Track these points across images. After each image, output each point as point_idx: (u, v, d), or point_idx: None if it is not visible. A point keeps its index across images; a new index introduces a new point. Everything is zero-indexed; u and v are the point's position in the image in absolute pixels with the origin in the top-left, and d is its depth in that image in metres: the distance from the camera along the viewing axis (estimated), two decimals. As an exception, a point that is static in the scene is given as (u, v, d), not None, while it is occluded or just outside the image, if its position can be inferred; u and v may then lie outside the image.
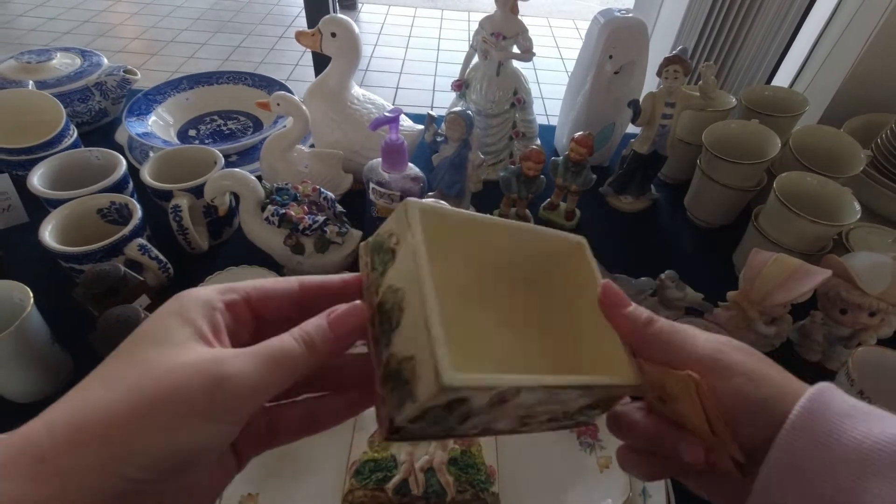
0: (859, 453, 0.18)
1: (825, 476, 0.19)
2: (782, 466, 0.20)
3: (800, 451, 0.19)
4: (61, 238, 0.54)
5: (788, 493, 0.19)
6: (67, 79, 0.79)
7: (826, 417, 0.20)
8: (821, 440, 0.19)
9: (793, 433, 0.20)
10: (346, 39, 0.67)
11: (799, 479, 0.19)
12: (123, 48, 2.65)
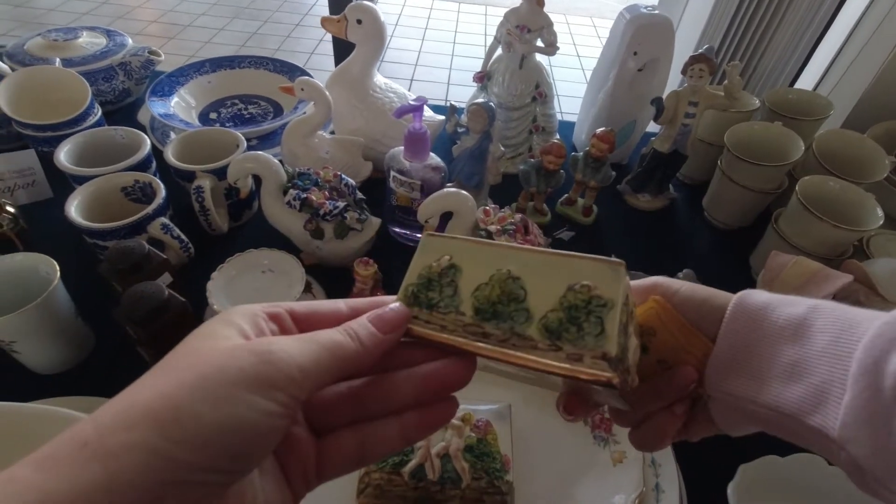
0: (773, 330, 0.25)
1: (753, 350, 0.25)
2: (728, 345, 0.25)
3: (740, 331, 0.25)
4: (86, 214, 0.55)
5: (731, 369, 0.25)
6: (93, 58, 0.80)
7: (751, 309, 0.26)
8: (749, 326, 0.25)
9: (732, 320, 0.26)
10: (372, 27, 0.67)
11: (736, 356, 0.25)
12: (141, 31, 2.66)
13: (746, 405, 0.25)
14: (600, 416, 0.48)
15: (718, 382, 0.26)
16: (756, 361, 0.25)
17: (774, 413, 0.23)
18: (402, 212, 0.65)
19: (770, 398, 0.24)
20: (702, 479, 0.46)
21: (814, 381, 0.22)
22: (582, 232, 0.74)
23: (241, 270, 0.55)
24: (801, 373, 0.23)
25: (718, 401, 0.26)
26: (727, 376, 0.25)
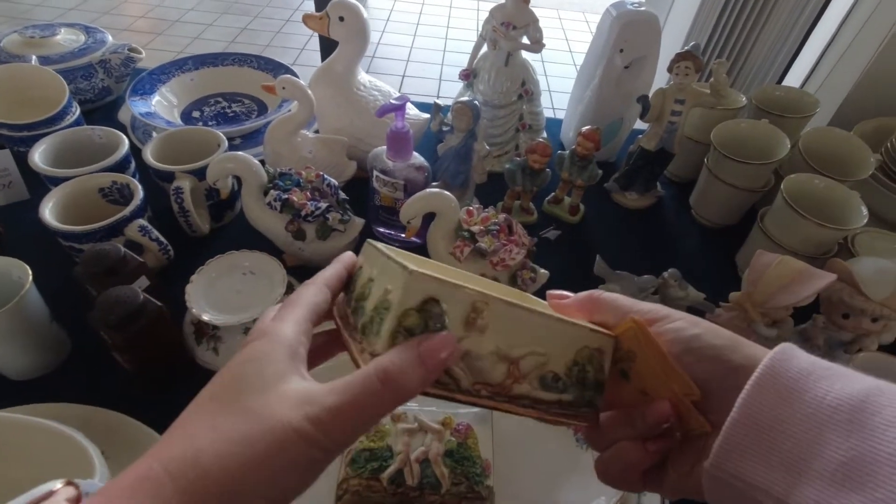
0: (819, 409, 0.19)
1: (786, 431, 0.19)
2: (746, 423, 0.20)
3: (770, 403, 0.20)
4: (62, 216, 0.54)
5: (750, 448, 0.20)
6: (71, 55, 0.78)
7: (789, 375, 0.20)
8: (783, 397, 0.20)
9: (758, 390, 0.20)
10: (355, 24, 0.66)
11: (761, 435, 0.20)
12: (129, 26, 2.63)
13: (764, 499, 0.19)
14: (583, 419, 0.47)
15: (727, 461, 0.20)
16: (789, 447, 0.19)
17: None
18: (386, 212, 0.64)
19: (809, 502, 0.18)
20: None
21: (881, 494, 0.17)
22: (569, 230, 0.73)
23: (222, 273, 0.54)
24: (862, 478, 0.17)
25: (718, 480, 0.21)
26: (743, 457, 0.20)
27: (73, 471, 0.35)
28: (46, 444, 0.38)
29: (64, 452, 0.38)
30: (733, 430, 0.20)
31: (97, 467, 0.37)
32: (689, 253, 0.74)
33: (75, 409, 0.45)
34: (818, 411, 0.19)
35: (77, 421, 0.41)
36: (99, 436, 0.40)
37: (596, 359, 0.25)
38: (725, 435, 0.20)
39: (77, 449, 0.38)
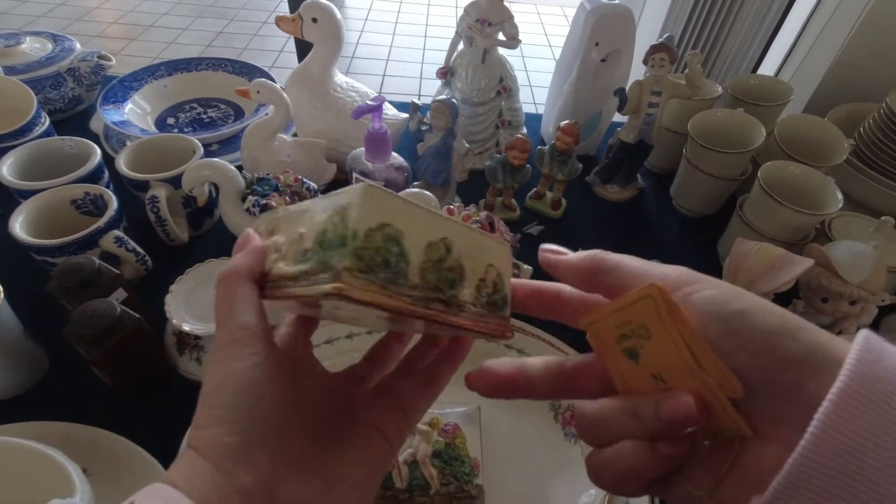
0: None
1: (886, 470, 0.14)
2: (825, 455, 0.14)
3: (852, 434, 0.14)
4: (33, 230, 0.53)
5: (831, 491, 0.14)
6: (38, 64, 0.76)
7: (884, 383, 0.14)
8: (879, 417, 0.14)
9: (843, 409, 0.14)
10: (328, 25, 0.65)
11: (847, 474, 0.14)
12: (101, 33, 2.58)
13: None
14: (571, 413, 0.48)
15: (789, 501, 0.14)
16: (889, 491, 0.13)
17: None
18: (368, 213, 0.64)
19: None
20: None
21: None
22: (551, 226, 0.74)
23: (202, 282, 0.53)
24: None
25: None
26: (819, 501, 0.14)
27: (52, 491, 0.34)
28: (24, 464, 0.37)
29: (42, 472, 0.37)
30: (806, 463, 0.14)
31: (77, 486, 0.36)
32: (671, 243, 0.75)
33: (55, 427, 0.44)
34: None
35: (57, 439, 0.40)
36: (81, 453, 0.39)
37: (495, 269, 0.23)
38: (794, 469, 0.14)
39: (56, 468, 0.37)
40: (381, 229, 0.19)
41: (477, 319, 0.22)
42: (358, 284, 0.18)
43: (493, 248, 0.23)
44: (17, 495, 0.36)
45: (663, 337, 0.19)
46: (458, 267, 0.21)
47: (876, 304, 0.55)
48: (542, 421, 0.48)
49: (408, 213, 0.20)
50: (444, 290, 0.21)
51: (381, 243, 0.19)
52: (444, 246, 0.21)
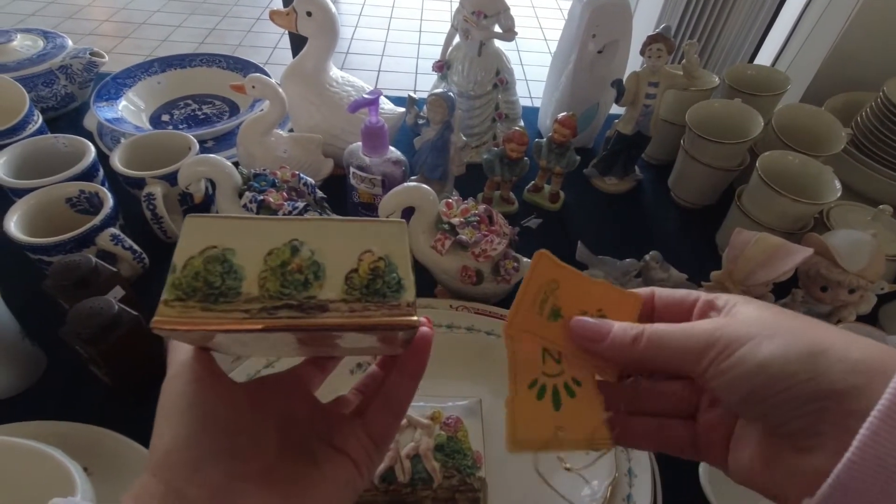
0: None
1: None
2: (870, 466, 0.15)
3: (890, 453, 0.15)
4: (28, 229, 0.52)
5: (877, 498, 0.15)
6: (29, 62, 0.76)
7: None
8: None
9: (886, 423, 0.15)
10: (323, 18, 0.65)
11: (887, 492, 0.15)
12: (93, 31, 2.56)
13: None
14: (572, 405, 0.47)
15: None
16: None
17: None
18: (365, 208, 0.63)
19: None
20: (674, 463, 0.46)
21: None
22: (550, 218, 0.73)
23: (199, 278, 0.53)
24: None
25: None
26: None
27: (53, 490, 0.34)
28: (24, 464, 0.37)
29: (43, 472, 0.37)
30: (850, 474, 0.15)
31: (78, 484, 0.36)
32: (669, 235, 0.75)
33: (54, 427, 0.44)
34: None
35: (56, 438, 0.40)
36: (80, 452, 0.39)
37: None
38: (839, 480, 0.16)
39: (57, 467, 0.37)
40: (203, 253, 0.19)
41: (350, 314, 0.20)
42: (173, 314, 0.18)
43: (374, 233, 0.21)
44: (18, 495, 0.36)
45: (569, 277, 0.25)
46: (312, 265, 0.20)
47: (875, 292, 0.56)
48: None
49: (240, 229, 0.20)
50: (294, 294, 0.20)
51: (200, 266, 0.19)
52: (289, 249, 0.20)
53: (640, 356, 0.22)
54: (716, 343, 0.20)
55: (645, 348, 0.22)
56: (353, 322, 0.20)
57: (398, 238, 0.22)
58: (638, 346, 0.22)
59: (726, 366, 0.19)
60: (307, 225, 0.20)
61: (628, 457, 0.44)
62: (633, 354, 0.22)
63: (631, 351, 0.22)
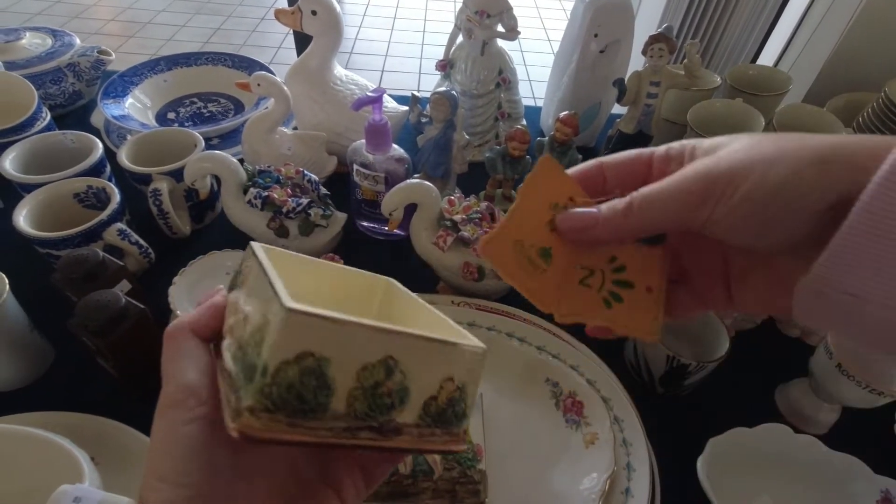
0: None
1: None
2: (866, 231, 0.15)
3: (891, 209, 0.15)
4: (37, 223, 0.53)
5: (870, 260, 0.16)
6: (38, 59, 0.77)
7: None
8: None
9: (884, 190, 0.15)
10: (328, 17, 0.66)
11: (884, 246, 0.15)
12: (98, 30, 2.57)
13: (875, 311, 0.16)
14: (571, 399, 0.48)
15: (841, 275, 0.16)
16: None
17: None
18: (368, 206, 0.64)
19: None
20: (672, 456, 0.46)
21: None
22: (552, 217, 0.74)
23: (205, 273, 0.54)
24: None
25: (823, 296, 0.17)
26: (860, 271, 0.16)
27: (61, 478, 0.35)
28: (33, 452, 0.38)
29: (51, 460, 0.37)
30: (849, 237, 0.16)
31: (86, 472, 0.36)
32: (670, 233, 0.75)
33: (62, 417, 0.45)
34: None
35: (64, 429, 0.41)
36: (88, 443, 0.40)
37: None
38: (838, 243, 0.16)
39: (65, 455, 0.37)
40: (299, 361, 0.17)
41: (418, 439, 0.20)
42: (258, 425, 0.17)
43: (459, 358, 0.21)
44: (28, 483, 0.37)
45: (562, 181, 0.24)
46: (401, 390, 0.19)
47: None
48: (544, 407, 0.48)
49: (340, 335, 0.18)
50: (377, 417, 0.19)
51: (295, 378, 0.17)
52: (384, 368, 0.19)
53: (637, 225, 0.21)
54: (715, 182, 0.19)
55: (639, 215, 0.21)
56: (417, 447, 0.20)
57: (478, 367, 0.21)
58: (632, 216, 0.21)
59: (736, 201, 0.18)
60: (401, 340, 0.19)
61: (627, 451, 0.44)
62: (629, 226, 0.21)
63: (626, 223, 0.21)
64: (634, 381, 0.53)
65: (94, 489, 0.35)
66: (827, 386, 0.49)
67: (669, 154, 0.23)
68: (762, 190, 0.18)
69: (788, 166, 0.18)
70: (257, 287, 0.20)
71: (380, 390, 0.19)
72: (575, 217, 0.23)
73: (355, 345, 0.18)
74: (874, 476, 0.46)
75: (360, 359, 0.18)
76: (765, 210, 0.18)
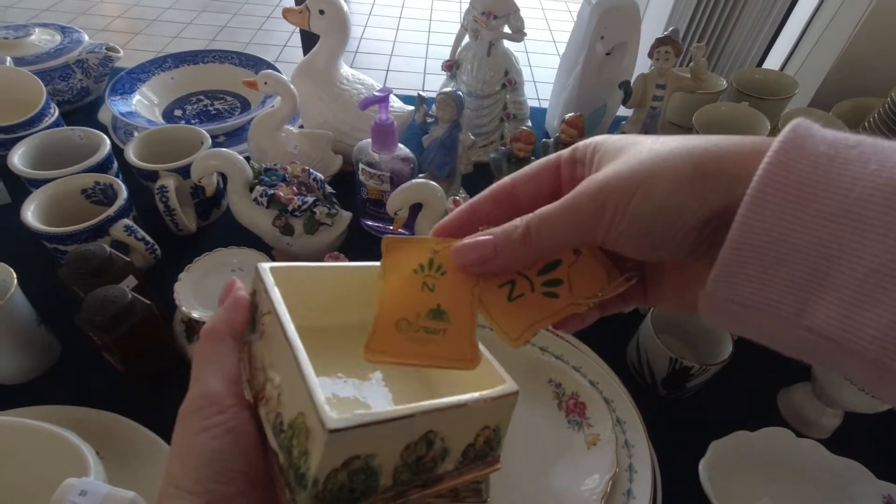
0: (843, 206, 0.15)
1: (797, 244, 0.15)
2: (749, 243, 0.16)
3: (770, 222, 0.16)
4: (44, 218, 0.53)
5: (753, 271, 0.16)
6: (47, 56, 0.77)
7: (801, 170, 0.15)
8: (795, 202, 0.15)
9: (760, 203, 0.16)
10: (335, 16, 0.66)
11: (766, 254, 0.16)
12: (105, 27, 2.58)
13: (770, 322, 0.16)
14: (574, 401, 0.48)
15: (727, 288, 0.17)
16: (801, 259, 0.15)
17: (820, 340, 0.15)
18: (374, 205, 0.64)
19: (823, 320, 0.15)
20: (674, 459, 0.46)
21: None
22: (556, 218, 0.74)
23: (210, 270, 0.54)
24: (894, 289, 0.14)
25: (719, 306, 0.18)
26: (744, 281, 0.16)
27: (67, 471, 0.35)
28: (39, 445, 0.38)
29: (57, 453, 0.38)
30: (732, 253, 0.16)
31: (91, 466, 0.37)
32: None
33: (67, 412, 0.45)
34: (841, 209, 0.15)
35: (70, 423, 0.41)
36: (93, 437, 0.40)
37: None
38: (724, 260, 0.17)
39: (70, 449, 0.38)
40: (347, 466, 0.18)
41: (459, 477, 0.21)
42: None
43: (494, 409, 0.21)
44: (34, 475, 0.37)
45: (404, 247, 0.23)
46: (442, 452, 0.20)
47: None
48: (546, 408, 0.49)
49: (382, 432, 0.18)
50: (421, 478, 0.20)
51: (345, 480, 0.18)
52: (425, 443, 0.19)
53: (535, 253, 0.21)
54: (604, 205, 0.19)
55: (537, 242, 0.21)
56: (459, 482, 0.21)
57: (511, 408, 0.22)
58: (530, 244, 0.21)
59: (624, 225, 0.19)
60: (439, 414, 0.19)
61: (629, 453, 0.44)
62: (529, 254, 0.21)
63: (525, 251, 0.21)
64: (637, 383, 0.54)
65: (99, 483, 0.35)
66: (829, 390, 0.49)
67: (575, 156, 0.23)
68: (647, 207, 0.18)
69: (670, 182, 0.18)
70: (280, 354, 0.20)
71: (423, 461, 0.20)
72: (469, 248, 0.22)
73: (396, 435, 0.19)
74: (876, 481, 0.46)
75: (403, 441, 0.19)
76: (652, 228, 0.19)
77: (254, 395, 0.22)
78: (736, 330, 0.18)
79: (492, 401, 0.21)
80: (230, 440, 0.20)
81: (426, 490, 0.20)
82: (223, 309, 0.23)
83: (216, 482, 0.19)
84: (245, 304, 0.23)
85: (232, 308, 0.23)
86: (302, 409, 0.18)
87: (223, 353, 0.22)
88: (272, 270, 0.22)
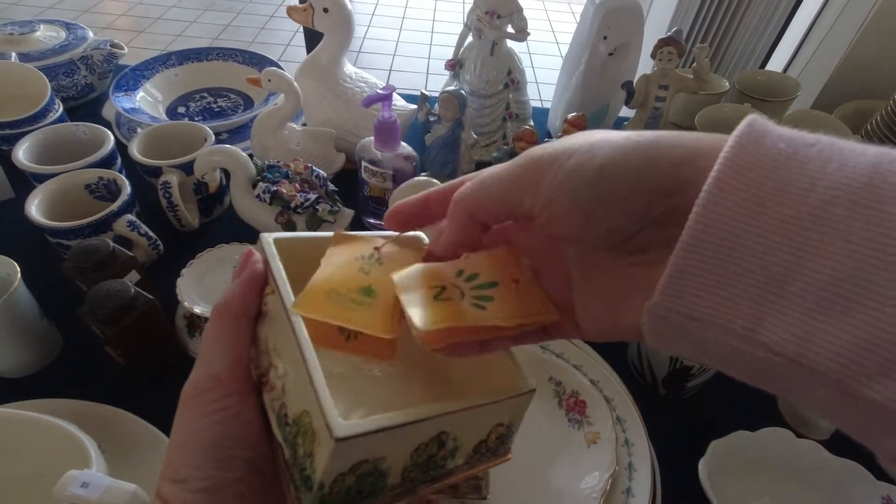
0: (801, 209, 0.13)
1: (752, 250, 0.14)
2: (701, 249, 0.14)
3: (724, 225, 0.14)
4: (48, 213, 0.54)
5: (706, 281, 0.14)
6: (52, 52, 0.77)
7: (760, 169, 0.14)
8: (753, 203, 0.14)
9: (714, 205, 0.14)
10: (339, 15, 0.66)
11: (720, 262, 0.14)
12: (109, 25, 2.59)
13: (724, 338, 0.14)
14: (574, 399, 0.48)
15: (678, 299, 0.15)
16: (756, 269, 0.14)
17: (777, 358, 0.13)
18: (376, 202, 0.65)
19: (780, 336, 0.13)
20: (674, 458, 0.47)
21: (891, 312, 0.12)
22: (557, 218, 0.74)
23: (212, 266, 0.54)
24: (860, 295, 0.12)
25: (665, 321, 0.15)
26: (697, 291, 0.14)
27: (69, 463, 0.35)
28: (41, 438, 0.39)
29: (59, 445, 0.38)
30: (684, 260, 0.14)
31: (93, 458, 0.37)
32: (675, 237, 0.75)
33: (69, 405, 0.45)
34: (799, 214, 0.13)
35: (72, 416, 0.41)
36: (94, 430, 0.40)
37: None
38: (674, 267, 0.15)
39: (72, 441, 0.38)
40: (355, 470, 0.17)
41: (468, 471, 0.21)
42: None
43: (508, 407, 0.21)
44: (36, 467, 0.37)
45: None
46: (453, 449, 0.20)
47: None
48: (546, 406, 0.49)
49: (391, 437, 0.17)
50: (430, 474, 0.20)
51: (352, 482, 0.18)
52: (436, 443, 0.19)
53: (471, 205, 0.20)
54: (540, 159, 0.18)
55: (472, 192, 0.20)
56: (468, 475, 0.21)
57: (526, 405, 0.22)
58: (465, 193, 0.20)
59: (561, 178, 0.17)
60: (452, 417, 0.19)
61: (629, 452, 0.45)
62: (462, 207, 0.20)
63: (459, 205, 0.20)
64: (637, 382, 0.54)
65: (101, 475, 0.35)
66: (830, 391, 0.49)
67: None
68: (588, 166, 0.17)
69: (615, 147, 0.17)
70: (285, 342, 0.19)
71: (433, 459, 0.19)
72: (406, 202, 0.22)
73: (407, 438, 0.18)
74: (875, 482, 0.46)
75: (413, 443, 0.19)
76: (589, 188, 0.17)
77: (258, 378, 0.21)
78: (682, 351, 0.16)
79: (507, 400, 0.21)
80: (233, 426, 0.20)
81: (434, 485, 0.20)
82: (238, 284, 0.22)
83: (216, 468, 0.19)
84: (262, 281, 0.22)
85: (247, 283, 0.21)
86: (307, 407, 0.18)
87: (234, 333, 0.21)
88: (276, 242, 0.21)
